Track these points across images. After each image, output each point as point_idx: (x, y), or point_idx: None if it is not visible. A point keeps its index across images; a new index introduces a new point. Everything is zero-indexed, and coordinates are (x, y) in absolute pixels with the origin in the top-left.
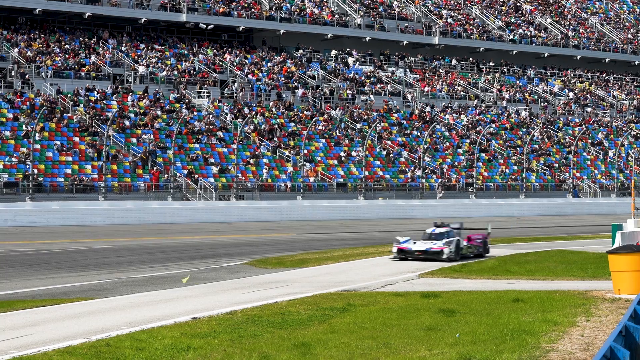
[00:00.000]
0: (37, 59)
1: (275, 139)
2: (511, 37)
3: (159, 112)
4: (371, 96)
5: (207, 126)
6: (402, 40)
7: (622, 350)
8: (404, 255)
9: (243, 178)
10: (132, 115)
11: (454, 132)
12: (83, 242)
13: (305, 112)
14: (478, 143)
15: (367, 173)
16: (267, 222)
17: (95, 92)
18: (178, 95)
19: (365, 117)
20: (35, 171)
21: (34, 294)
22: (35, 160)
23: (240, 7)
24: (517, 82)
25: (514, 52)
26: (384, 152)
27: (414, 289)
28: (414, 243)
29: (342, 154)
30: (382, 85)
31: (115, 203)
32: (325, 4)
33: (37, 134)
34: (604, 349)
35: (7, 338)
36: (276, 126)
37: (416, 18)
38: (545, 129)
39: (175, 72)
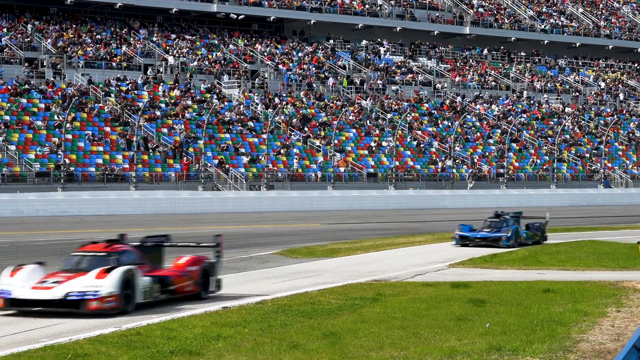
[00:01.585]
0: (69, 49)
1: (306, 128)
2: (543, 26)
3: (189, 102)
4: (402, 86)
5: (237, 116)
6: (433, 30)
7: None
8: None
9: (274, 168)
10: (162, 105)
11: (485, 122)
12: (114, 231)
13: (335, 102)
14: (509, 133)
15: (397, 163)
16: (298, 212)
17: (126, 82)
18: (209, 85)
19: (396, 107)
20: (67, 161)
21: None
22: (67, 150)
23: None
24: (549, 72)
25: (546, 41)
26: (415, 142)
27: (444, 279)
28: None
29: (372, 144)
30: (412, 75)
31: (146, 193)
32: None
33: (68, 124)
34: (634, 339)
35: (39, 327)
36: (309, 116)
37: (447, 8)
38: (576, 119)
39: (206, 62)
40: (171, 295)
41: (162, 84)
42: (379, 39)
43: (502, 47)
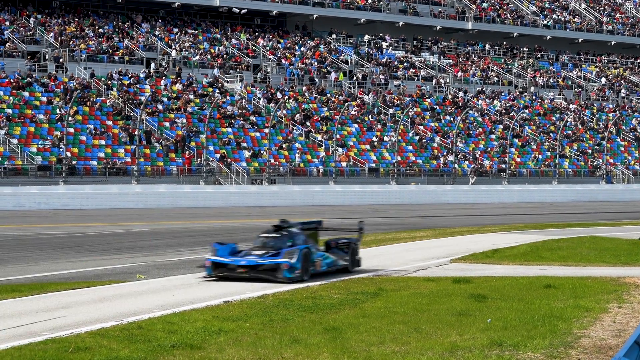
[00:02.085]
0: (71, 42)
1: (308, 123)
2: (545, 22)
3: (192, 97)
4: (404, 81)
5: (239, 110)
6: (435, 25)
7: None
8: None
9: (275, 162)
10: (165, 99)
11: (487, 117)
12: (116, 225)
13: (338, 97)
14: (511, 129)
15: (399, 158)
16: (299, 206)
17: (129, 76)
18: (211, 79)
19: (398, 102)
20: (69, 155)
21: (67, 276)
22: (69, 144)
23: None
24: (551, 67)
25: (548, 37)
26: (417, 137)
27: (446, 274)
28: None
29: (374, 139)
30: (415, 70)
31: (147, 187)
32: None
33: (70, 118)
34: (635, 335)
35: (40, 320)
36: (310, 112)
37: (450, 3)
38: (578, 115)
39: (209, 57)
40: None
41: (164, 77)
42: (381, 34)
43: (504, 43)
